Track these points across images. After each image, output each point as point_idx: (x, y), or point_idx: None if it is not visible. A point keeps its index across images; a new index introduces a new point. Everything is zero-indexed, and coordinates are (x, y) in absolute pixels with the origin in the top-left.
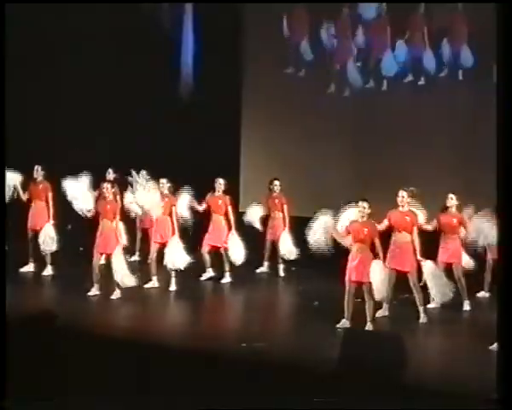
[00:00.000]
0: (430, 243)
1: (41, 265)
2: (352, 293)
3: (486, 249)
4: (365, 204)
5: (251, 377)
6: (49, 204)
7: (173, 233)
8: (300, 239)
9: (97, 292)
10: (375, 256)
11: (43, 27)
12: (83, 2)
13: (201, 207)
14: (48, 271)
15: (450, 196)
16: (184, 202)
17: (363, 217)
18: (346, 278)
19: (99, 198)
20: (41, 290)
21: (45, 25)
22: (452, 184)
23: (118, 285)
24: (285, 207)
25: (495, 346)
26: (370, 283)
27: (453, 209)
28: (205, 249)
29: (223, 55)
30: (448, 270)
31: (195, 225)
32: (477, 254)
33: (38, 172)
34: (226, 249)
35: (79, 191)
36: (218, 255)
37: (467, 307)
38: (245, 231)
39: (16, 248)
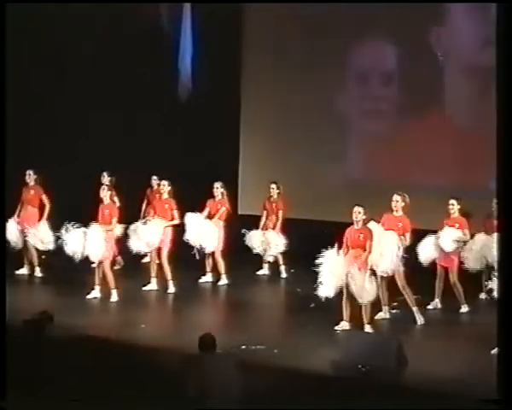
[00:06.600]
0: None
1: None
2: (349, 296)
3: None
4: (360, 209)
5: (250, 379)
6: (45, 206)
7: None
8: (299, 241)
9: (97, 295)
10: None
11: (41, 29)
12: (82, 2)
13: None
14: (37, 272)
15: (451, 202)
16: None
17: (358, 222)
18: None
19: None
20: (39, 293)
21: (43, 26)
22: (452, 190)
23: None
24: (280, 212)
25: (495, 349)
26: None
27: (455, 215)
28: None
29: (221, 57)
30: (445, 273)
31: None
32: None
33: (31, 177)
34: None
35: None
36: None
37: (464, 309)
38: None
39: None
